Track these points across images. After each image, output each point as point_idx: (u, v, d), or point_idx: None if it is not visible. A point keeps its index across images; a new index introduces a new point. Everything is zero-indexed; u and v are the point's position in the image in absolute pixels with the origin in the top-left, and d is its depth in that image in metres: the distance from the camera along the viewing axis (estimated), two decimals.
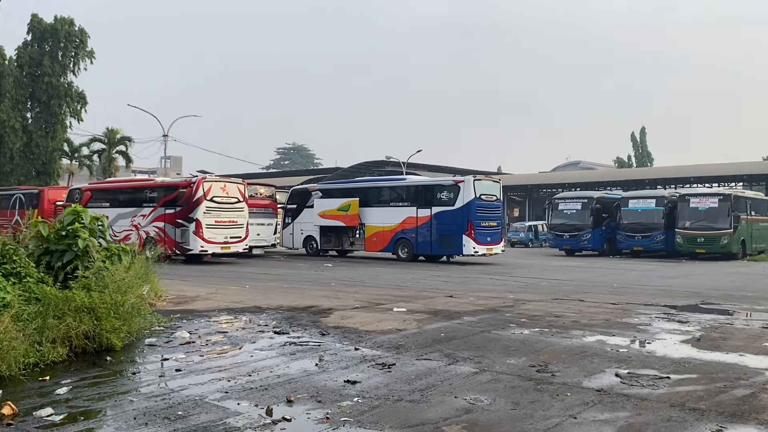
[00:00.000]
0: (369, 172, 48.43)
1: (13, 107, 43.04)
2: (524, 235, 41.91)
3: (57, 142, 45.54)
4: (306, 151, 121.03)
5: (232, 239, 22.69)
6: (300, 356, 7.33)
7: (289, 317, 10.21)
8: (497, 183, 24.98)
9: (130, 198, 24.40)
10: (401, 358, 7.21)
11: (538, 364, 6.95)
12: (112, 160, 47.54)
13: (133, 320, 8.07)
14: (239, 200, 23.18)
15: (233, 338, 8.49)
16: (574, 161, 79.72)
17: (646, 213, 29.34)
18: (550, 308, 11.49)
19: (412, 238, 24.20)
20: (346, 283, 15.79)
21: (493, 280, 17.41)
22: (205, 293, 13.19)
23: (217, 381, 6.15)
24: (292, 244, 28.35)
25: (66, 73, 45.22)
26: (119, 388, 6.06)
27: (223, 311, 10.90)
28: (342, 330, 9.01)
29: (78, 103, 46.05)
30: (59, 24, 44.41)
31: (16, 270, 7.85)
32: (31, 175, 44.10)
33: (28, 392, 5.76)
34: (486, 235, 23.26)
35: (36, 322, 6.87)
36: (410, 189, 25.23)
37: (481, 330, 9.09)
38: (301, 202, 27.92)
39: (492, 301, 12.45)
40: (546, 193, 53.33)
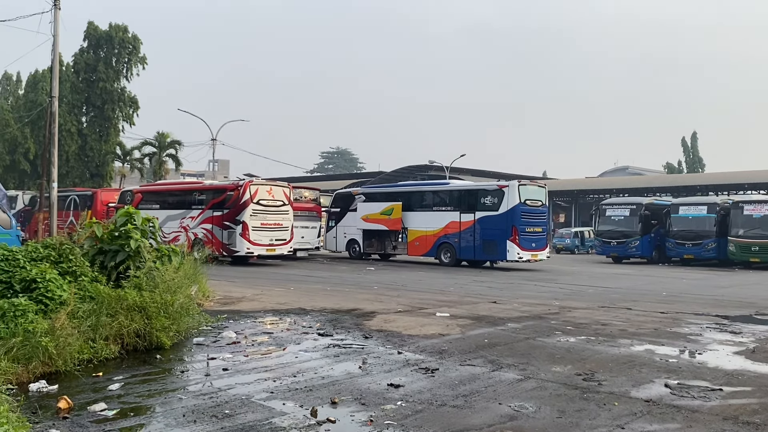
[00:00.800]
0: (412, 176, 48.43)
1: (69, 111, 44.53)
2: (570, 242, 41.23)
3: (110, 145, 46.94)
4: (349, 155, 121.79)
5: (277, 241, 23.00)
6: (344, 358, 7.38)
7: (333, 319, 10.29)
8: (543, 188, 24.65)
9: (180, 200, 24.98)
10: (444, 363, 7.19)
11: (584, 372, 6.84)
12: (162, 163, 48.76)
13: (182, 320, 8.28)
14: (284, 203, 23.48)
15: (278, 339, 8.61)
16: (622, 166, 78.04)
17: (697, 220, 28.50)
18: (596, 316, 11.28)
19: (455, 242, 24.08)
20: (389, 287, 15.83)
21: (538, 286, 17.19)
22: (251, 294, 13.41)
23: (263, 381, 6.25)
24: (335, 247, 28.57)
25: (119, 78, 46.58)
26: (168, 385, 6.21)
27: (269, 312, 11.07)
28: (385, 333, 9.03)
29: (130, 108, 47.37)
30: (114, 31, 45.81)
31: (72, 269, 8.14)
32: (85, 177, 45.55)
33: (82, 387, 5.96)
34: (531, 240, 22.98)
35: (90, 319, 7.11)
36: (453, 193, 25.11)
37: (526, 337, 8.99)
38: (345, 206, 28.11)
39: (537, 307, 12.30)
40: (593, 198, 52.35)
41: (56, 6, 16.28)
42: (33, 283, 7.34)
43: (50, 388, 5.82)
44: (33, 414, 4.96)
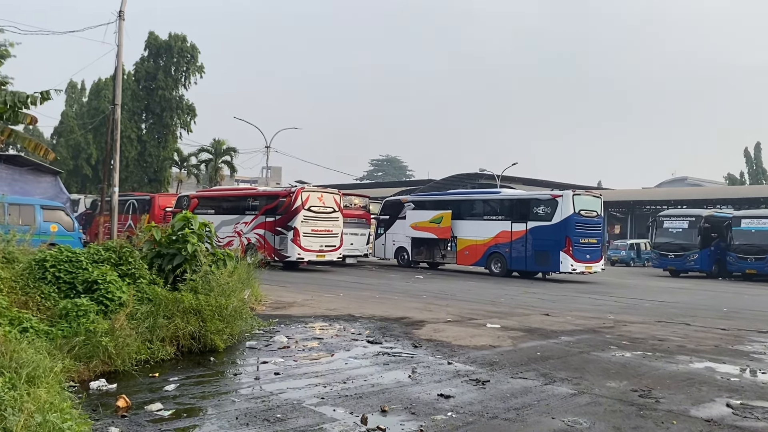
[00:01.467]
0: (462, 184, 48.19)
1: (130, 118, 46.13)
2: (625, 254, 40.19)
3: (168, 151, 48.40)
4: (399, 162, 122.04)
5: (327, 248, 23.20)
6: (393, 367, 7.37)
7: (382, 327, 10.30)
8: (598, 198, 24.12)
9: (234, 206, 25.50)
10: (495, 375, 7.09)
11: (640, 388, 6.63)
12: (218, 170, 49.96)
13: (235, 323, 8.43)
14: (335, 210, 23.68)
15: (328, 345, 8.66)
16: (681, 177, 75.71)
17: (761, 234, 27.36)
18: (653, 331, 10.94)
19: (505, 252, 23.79)
20: (438, 296, 15.74)
21: (592, 299, 16.80)
22: (302, 299, 13.55)
23: (314, 386, 6.29)
24: (383, 254, 28.63)
25: (178, 86, 48.04)
26: (222, 388, 6.33)
27: (319, 318, 11.16)
28: (434, 343, 8.98)
29: (188, 115, 48.78)
30: (173, 41, 47.31)
31: (131, 271, 8.39)
32: (144, 182, 47.06)
33: (139, 387, 6.13)
34: (585, 252, 22.49)
35: (148, 321, 7.31)
36: (505, 202, 24.83)
37: (580, 351, 8.78)
38: (394, 214, 28.16)
39: (591, 321, 12.01)
40: (650, 210, 50.95)
41: (120, 17, 16.92)
42: (94, 285, 7.60)
43: (109, 387, 6.00)
44: (93, 411, 5.12)
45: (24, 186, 22.15)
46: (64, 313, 6.91)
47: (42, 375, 4.82)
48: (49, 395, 4.41)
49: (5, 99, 12.86)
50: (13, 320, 6.44)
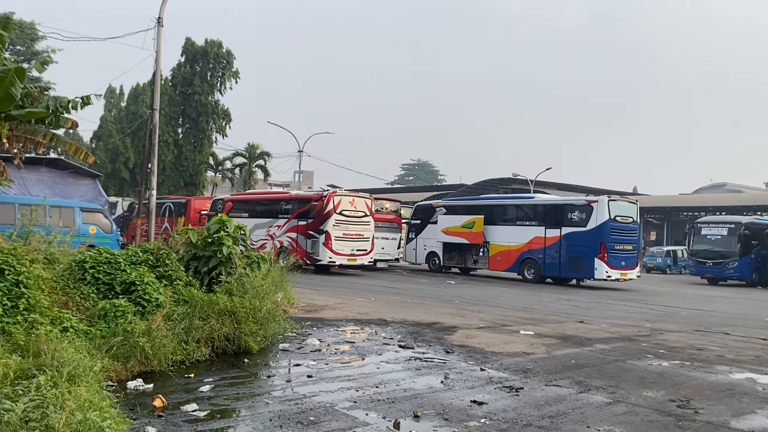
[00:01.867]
0: (494, 189, 47.81)
1: (167, 123, 46.95)
2: (662, 261, 39.39)
3: (203, 155, 49.12)
4: (430, 167, 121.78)
5: (358, 252, 23.27)
6: (425, 372, 7.34)
7: (414, 332, 10.27)
8: (634, 204, 23.71)
9: (267, 209, 25.75)
10: (529, 382, 7.01)
11: (678, 398, 6.49)
12: (252, 174, 50.53)
13: (269, 325, 8.50)
14: (366, 214, 23.75)
15: (360, 349, 8.67)
16: (719, 183, 73.86)
17: None
18: (691, 340, 10.70)
19: (539, 258, 23.53)
20: (470, 302, 15.64)
21: (627, 306, 16.50)
22: (333, 303, 13.60)
23: (346, 390, 6.31)
24: (414, 259, 28.58)
25: (213, 91, 48.74)
26: (255, 389, 6.38)
27: (350, 321, 11.19)
28: (467, 349, 8.92)
29: (223, 120, 49.45)
30: (209, 46, 48.04)
31: (168, 273, 8.54)
32: (180, 186, 47.84)
33: (175, 387, 6.22)
34: (620, 258, 22.12)
35: (184, 322, 7.43)
36: (539, 208, 24.57)
37: (615, 359, 8.64)
38: (425, 218, 28.10)
39: (626, 329, 11.80)
40: (687, 216, 49.83)
41: (159, 23, 17.28)
42: (132, 286, 7.75)
43: (146, 387, 6.10)
44: (131, 411, 5.22)
45: (64, 189, 22.73)
46: (102, 313, 7.06)
47: (82, 374, 4.92)
48: (89, 394, 4.51)
49: (48, 104, 13.23)
50: (54, 320, 6.61)
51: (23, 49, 42.52)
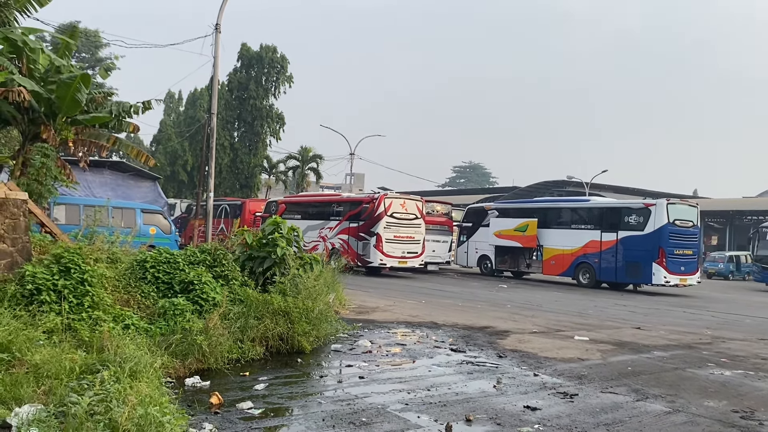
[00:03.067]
0: (548, 192, 47.07)
1: (223, 127, 48.06)
2: (723, 266, 37.97)
3: (258, 158, 50.07)
4: (482, 169, 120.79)
5: (409, 254, 23.26)
6: (477, 376, 7.29)
7: (465, 336, 10.21)
8: (694, 207, 22.93)
9: (319, 211, 26.04)
10: (584, 389, 6.87)
11: (742, 409, 6.25)
12: (304, 176, 51.22)
13: (321, 326, 8.61)
14: (417, 217, 23.72)
15: (411, 351, 8.67)
16: None
17: None
18: (755, 349, 10.28)
19: (594, 263, 23.02)
20: (523, 306, 15.43)
21: (687, 313, 15.97)
22: (384, 305, 13.64)
23: (398, 392, 6.32)
24: (466, 262, 28.37)
25: (268, 96, 49.63)
26: (308, 389, 6.47)
27: (401, 324, 11.20)
28: (520, 354, 8.81)
29: (277, 124, 50.29)
30: (264, 52, 48.96)
31: (224, 273, 8.75)
32: (235, 188, 48.89)
33: (231, 385, 6.36)
34: (679, 264, 21.42)
35: (239, 321, 7.59)
36: (594, 211, 24.04)
37: (674, 367, 8.37)
38: (477, 221, 27.85)
39: (686, 336, 11.43)
40: (750, 220, 47.92)
41: (217, 30, 17.72)
42: (190, 285, 7.97)
43: (203, 384, 6.26)
44: (189, 407, 5.36)
45: (126, 191, 23.55)
46: (162, 311, 7.29)
47: (143, 370, 5.10)
48: (150, 389, 4.66)
49: (111, 109, 13.73)
50: (116, 317, 6.86)
51: (88, 56, 44.30)
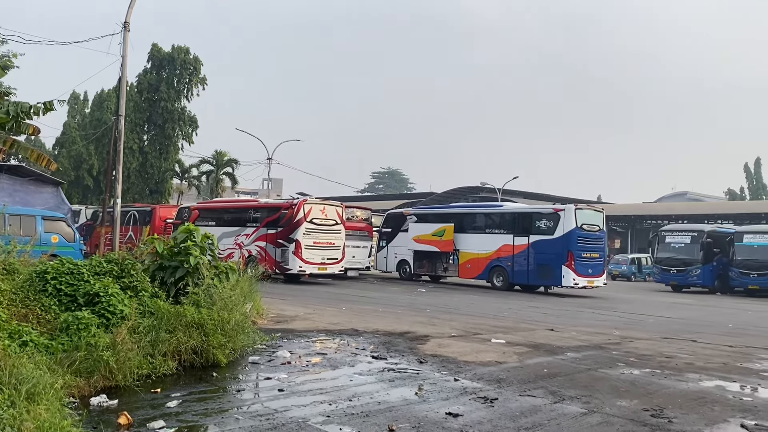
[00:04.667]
0: (463, 197, 48.09)
1: (132, 130, 46.16)
2: (626, 268, 40.04)
3: (169, 163, 48.39)
4: (400, 175, 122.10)
5: (329, 260, 23.07)
6: (399, 383, 7.24)
7: (386, 342, 10.16)
8: (600, 212, 24.03)
9: (235, 218, 25.39)
10: (503, 392, 6.96)
11: (652, 408, 6.50)
12: (219, 181, 49.92)
13: (238, 337, 8.30)
14: (337, 222, 23.58)
15: (332, 360, 8.53)
16: (681, 192, 75.60)
17: (764, 249, 27.20)
18: (660, 348, 10.81)
19: (507, 266, 23.66)
20: (441, 310, 15.60)
21: (596, 314, 16.66)
22: (304, 313, 13.41)
23: (319, 404, 6.16)
24: (385, 267, 28.48)
25: (180, 98, 48.12)
26: (225, 404, 6.20)
27: (322, 332, 11.02)
28: (440, 359, 8.85)
29: (190, 127, 48.83)
30: (176, 53, 47.46)
31: (133, 284, 8.29)
32: (145, 194, 47.02)
33: (141, 403, 6.00)
34: (587, 266, 22.37)
35: (150, 335, 7.19)
36: (507, 216, 24.73)
37: (587, 368, 8.65)
38: (396, 226, 28.04)
39: (596, 336, 11.88)
40: (650, 224, 50.85)
41: (126, 28, 16.90)
42: (96, 297, 7.49)
43: (110, 403, 5.87)
44: (94, 429, 4.99)
45: (25, 196, 22.09)
46: (65, 326, 6.79)
47: (42, 391, 4.70)
48: (49, 413, 4.31)
49: (8, 109, 12.84)
50: (13, 334, 6.33)
51: None
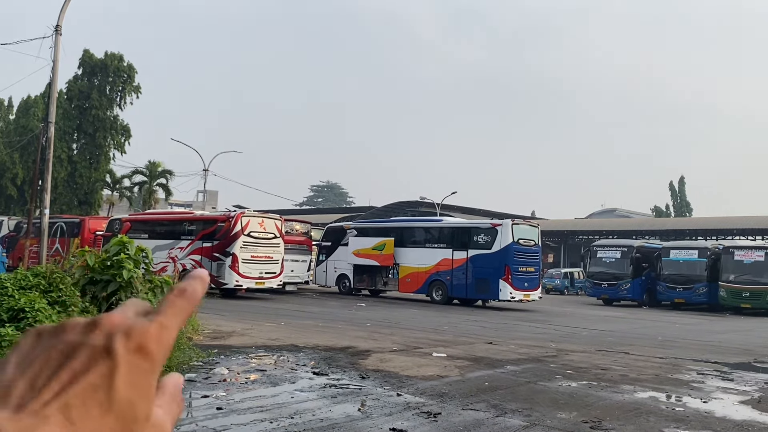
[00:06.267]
0: (402, 212, 48.40)
1: (60, 138, 44.27)
2: (560, 282, 41.13)
3: (100, 173, 46.64)
4: (339, 189, 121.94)
5: (267, 275, 22.67)
6: (341, 399, 7.12)
7: (327, 357, 10.01)
8: (536, 228, 24.62)
9: (169, 230, 24.65)
10: (446, 407, 6.94)
11: (590, 419, 6.62)
12: (152, 192, 48.43)
13: (173, 354, 7.98)
14: (276, 236, 23.23)
15: (272, 377, 8.32)
16: (610, 208, 78.61)
17: (688, 264, 28.54)
18: (595, 360, 11.08)
19: (447, 280, 23.87)
20: (382, 324, 15.54)
21: (532, 327, 16.97)
22: (241, 329, 13.08)
23: (260, 422, 5.98)
24: (325, 281, 28.23)
25: (113, 106, 46.56)
26: None
27: (260, 348, 10.76)
28: (382, 374, 8.77)
29: (122, 136, 47.26)
30: (109, 59, 45.96)
31: (61, 299, 7.88)
32: (73, 205, 45.09)
33: None
34: (523, 280, 22.83)
35: None
36: (446, 231, 24.99)
37: (527, 380, 8.76)
38: (336, 240, 27.88)
39: (534, 349, 12.07)
40: (582, 239, 52.50)
41: (57, 32, 16.23)
42: (21, 313, 7.07)
43: None
44: None
45: None
46: None
47: None
48: None
49: None
50: None
51: None
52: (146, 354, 0.42)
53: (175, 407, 0.46)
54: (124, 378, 0.40)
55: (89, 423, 0.39)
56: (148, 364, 0.42)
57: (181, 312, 0.45)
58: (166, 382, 0.47)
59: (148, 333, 0.42)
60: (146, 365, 0.42)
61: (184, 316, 0.45)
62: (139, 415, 0.41)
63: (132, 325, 0.42)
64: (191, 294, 0.46)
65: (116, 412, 0.40)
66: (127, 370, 0.41)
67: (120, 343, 0.41)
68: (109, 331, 0.41)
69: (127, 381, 0.40)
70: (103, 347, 0.41)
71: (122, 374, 0.40)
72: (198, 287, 0.47)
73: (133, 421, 0.41)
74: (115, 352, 0.41)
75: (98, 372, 0.40)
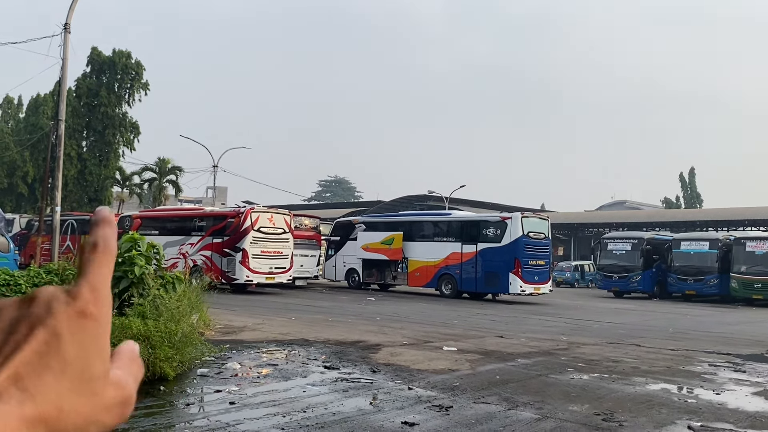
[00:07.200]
0: (411, 206, 48.36)
1: (70, 136, 44.45)
2: (570, 275, 41.01)
3: (110, 170, 46.86)
4: (347, 183, 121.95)
5: (276, 270, 22.74)
6: (353, 393, 7.15)
7: (338, 352, 10.05)
8: (545, 220, 24.53)
9: (179, 226, 24.76)
10: (458, 400, 6.95)
11: (602, 412, 6.61)
12: (162, 189, 48.64)
13: (185, 349, 8.04)
14: (285, 231, 23.28)
15: (284, 371, 8.36)
16: (620, 200, 78.17)
17: (699, 256, 28.37)
18: (606, 353, 11.05)
19: (456, 274, 23.84)
20: (392, 318, 15.57)
21: (543, 320, 16.94)
22: (252, 324, 13.14)
23: (272, 416, 6.01)
24: (334, 276, 28.28)
25: (121, 103, 46.71)
26: (174, 419, 5.98)
27: (272, 343, 10.81)
28: (393, 368, 8.79)
29: (131, 133, 47.42)
30: (117, 57, 46.09)
31: None
32: (84, 202, 45.33)
33: None
34: (533, 273, 22.77)
35: None
36: (455, 224, 24.95)
37: (538, 373, 8.76)
38: (345, 235, 27.91)
39: (545, 343, 12.06)
40: (592, 232, 52.32)
41: (66, 30, 16.30)
42: None
43: None
44: None
45: None
46: None
47: None
48: None
49: None
50: None
51: None
52: (87, 316, 0.42)
53: (135, 368, 0.47)
54: (70, 340, 0.41)
55: (44, 389, 0.39)
56: (92, 324, 0.43)
57: (103, 264, 0.45)
58: (120, 347, 0.48)
59: (82, 297, 0.43)
60: (91, 325, 0.42)
61: (108, 265, 0.45)
62: (96, 374, 0.42)
63: (67, 291, 0.43)
64: (103, 242, 0.46)
65: (70, 374, 0.41)
66: (72, 332, 0.41)
67: (60, 308, 0.42)
68: (47, 300, 0.42)
69: (74, 343, 0.41)
70: (43, 314, 0.41)
71: (68, 337, 0.41)
72: (105, 232, 0.46)
73: (91, 380, 0.42)
74: (56, 316, 0.41)
75: (41, 339, 0.41)
